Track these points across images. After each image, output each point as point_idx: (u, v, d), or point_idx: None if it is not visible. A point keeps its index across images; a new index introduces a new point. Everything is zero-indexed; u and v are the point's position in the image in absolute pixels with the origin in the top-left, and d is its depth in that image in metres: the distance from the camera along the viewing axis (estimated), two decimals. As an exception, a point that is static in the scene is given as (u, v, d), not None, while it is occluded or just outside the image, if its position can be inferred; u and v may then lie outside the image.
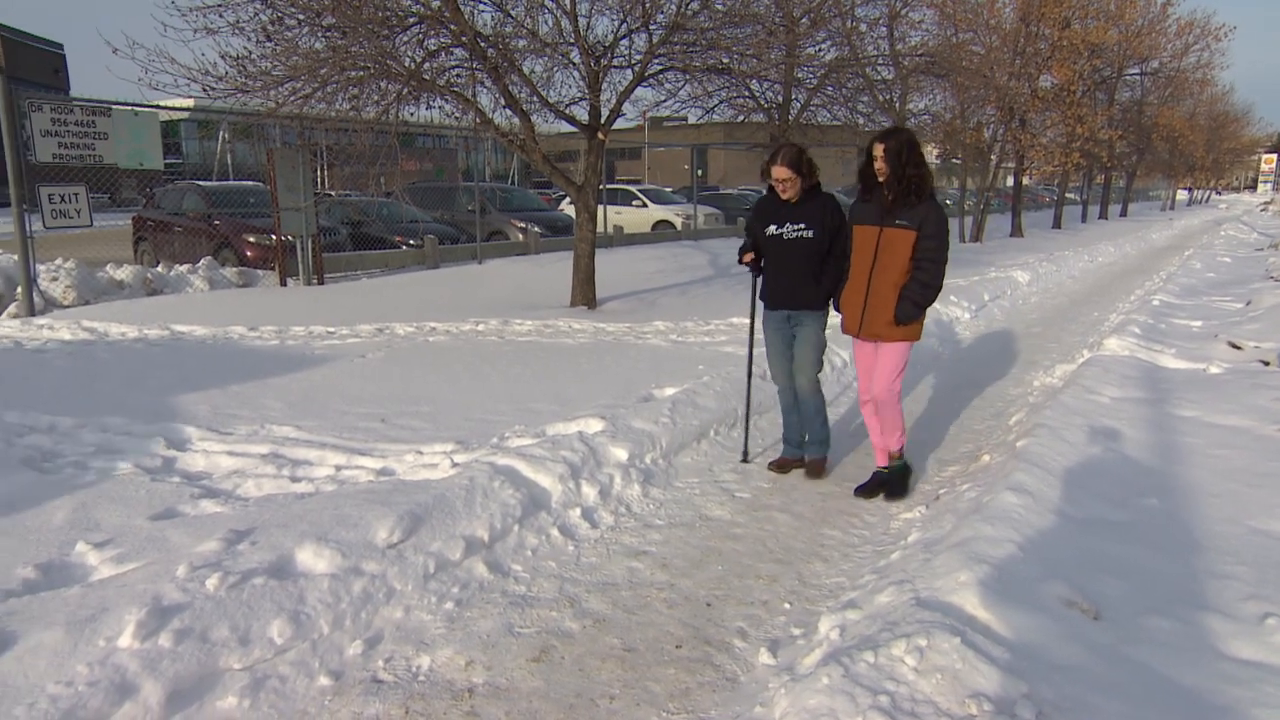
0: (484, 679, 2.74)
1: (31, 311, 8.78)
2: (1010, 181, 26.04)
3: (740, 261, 4.68)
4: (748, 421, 4.99)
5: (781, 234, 4.39)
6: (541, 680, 2.74)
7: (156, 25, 8.36)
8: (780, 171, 4.27)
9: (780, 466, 4.74)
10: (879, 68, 14.57)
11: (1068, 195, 30.43)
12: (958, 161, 23.06)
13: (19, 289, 8.97)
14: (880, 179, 3.96)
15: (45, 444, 4.49)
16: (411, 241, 14.39)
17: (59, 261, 10.04)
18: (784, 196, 4.35)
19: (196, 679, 2.46)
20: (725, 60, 9.81)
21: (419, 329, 8.25)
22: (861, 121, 14.82)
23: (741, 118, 13.76)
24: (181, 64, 8.36)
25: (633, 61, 9.77)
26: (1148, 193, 61.09)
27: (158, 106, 10.44)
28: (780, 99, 13.11)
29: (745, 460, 4.84)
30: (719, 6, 9.37)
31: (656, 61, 9.65)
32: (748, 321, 5.18)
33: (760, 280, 4.70)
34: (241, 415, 5.02)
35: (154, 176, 15.26)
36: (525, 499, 3.75)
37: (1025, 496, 3.35)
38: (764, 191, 4.66)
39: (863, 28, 13.66)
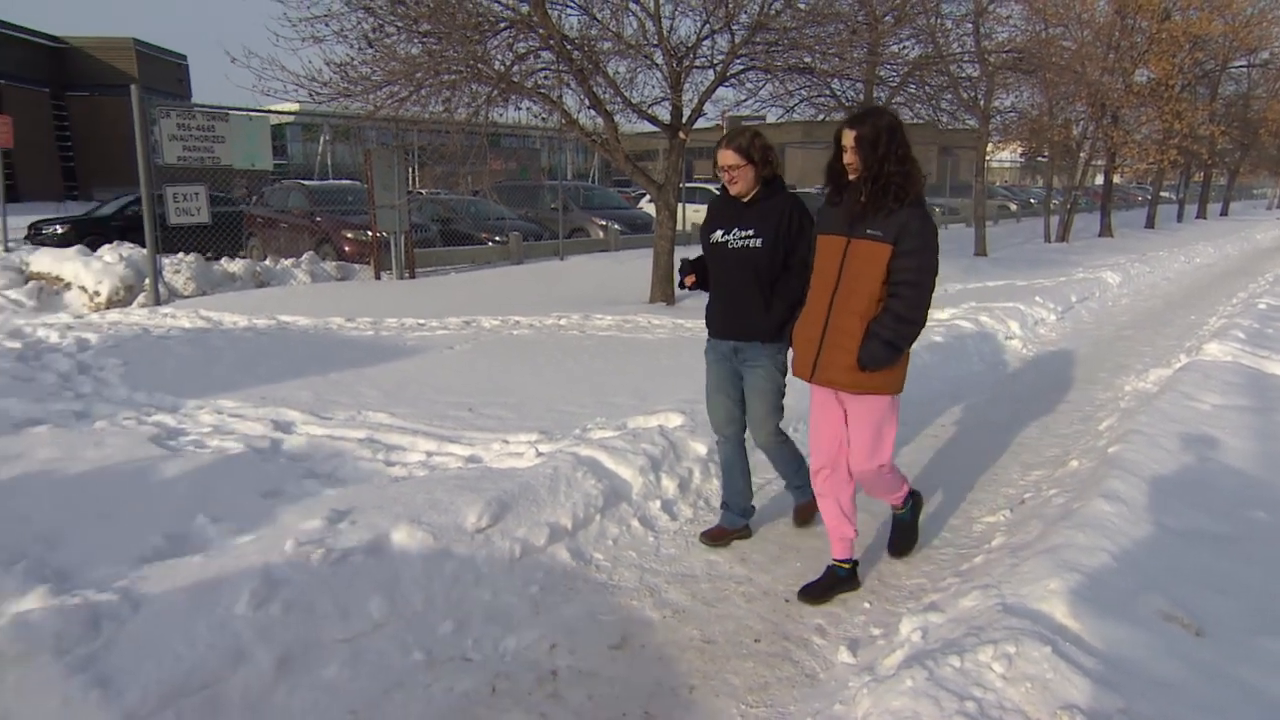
0: (567, 662, 2.78)
1: (157, 301, 9.32)
2: (1099, 180, 24.87)
3: (681, 284, 3.59)
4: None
5: (726, 242, 3.34)
6: (623, 667, 2.77)
7: (270, 35, 8.73)
8: (725, 156, 3.28)
9: (714, 538, 3.64)
10: (963, 65, 14.11)
11: (1162, 193, 28.90)
12: (1043, 159, 22.15)
13: (147, 280, 9.52)
14: (851, 176, 2.93)
15: (170, 423, 4.75)
16: (497, 238, 14.66)
17: (181, 255, 10.60)
18: (733, 191, 3.34)
19: (303, 648, 2.57)
20: (807, 59, 9.67)
21: (504, 322, 8.39)
22: (944, 120, 14.40)
23: (822, 116, 13.52)
24: (290, 71, 8.71)
25: (714, 62, 9.72)
26: (1251, 191, 57.57)
27: (268, 111, 10.91)
28: (861, 97, 12.84)
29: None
30: (802, 6, 9.24)
31: (738, 61, 9.58)
32: None
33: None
34: (340, 401, 5.20)
35: (263, 176, 15.92)
36: (607, 489, 3.78)
37: (1119, 505, 3.20)
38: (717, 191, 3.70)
39: (948, 24, 13.27)
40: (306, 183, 16.02)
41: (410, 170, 15.71)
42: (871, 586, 3.31)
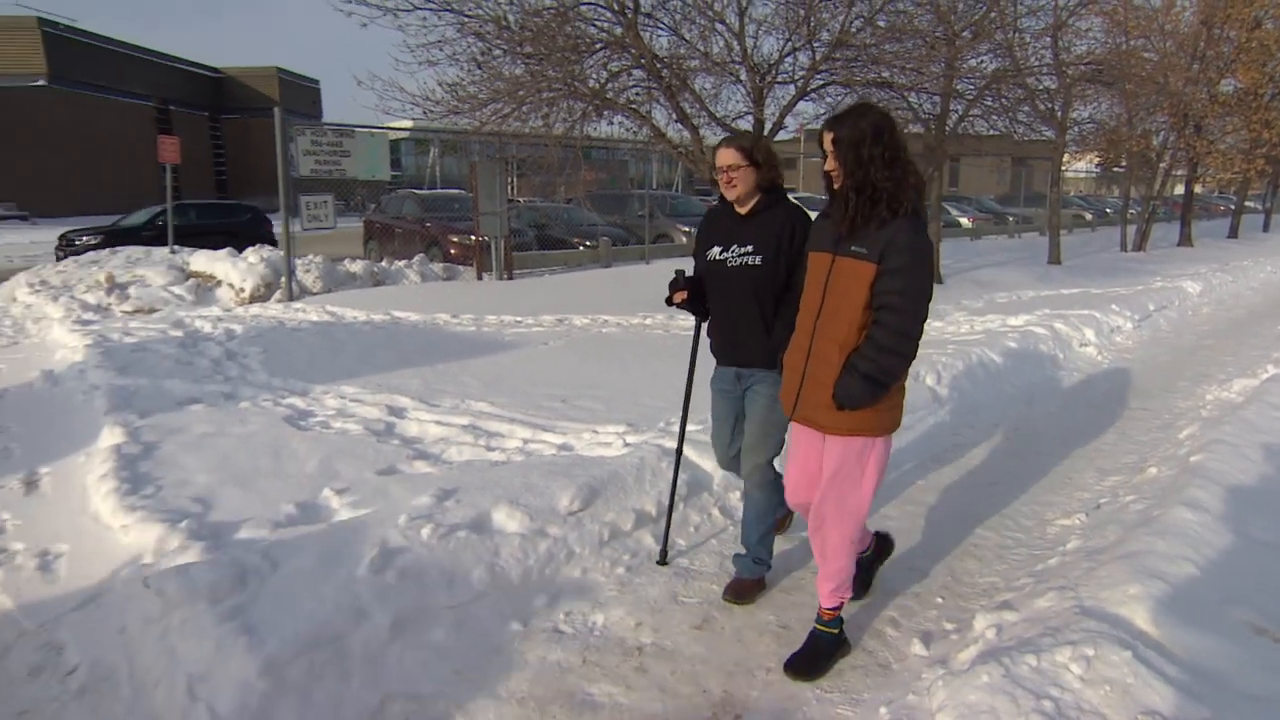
0: (651, 639, 2.78)
1: (290, 297, 9.78)
2: (1179, 190, 23.38)
3: (669, 301, 3.07)
4: (670, 512, 3.34)
5: (725, 260, 2.85)
6: (703, 647, 2.75)
7: (391, 60, 9.03)
8: (725, 155, 2.77)
9: (739, 593, 3.02)
10: (1040, 78, 13.46)
11: (1246, 203, 26.93)
12: (1120, 169, 20.98)
13: (282, 279, 10.01)
14: (835, 184, 2.40)
15: (301, 405, 4.97)
16: (588, 243, 14.80)
17: (310, 256, 11.09)
18: (730, 195, 2.82)
19: (415, 611, 2.65)
20: (885, 74, 9.42)
21: (593, 321, 8.46)
22: (1020, 131, 13.79)
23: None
24: (408, 91, 9.00)
25: (795, 77, 9.58)
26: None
27: (388, 128, 11.30)
28: (938, 110, 12.42)
29: (663, 562, 3.26)
30: (881, 23, 9.02)
31: (819, 77, 9.41)
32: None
33: (706, 325, 3.17)
34: (446, 390, 5.34)
35: (380, 186, 16.50)
36: (689, 480, 3.76)
37: (1202, 513, 2.99)
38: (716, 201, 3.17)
39: (1026, 39, 12.69)
40: (418, 192, 16.55)
41: (510, 180, 16.04)
42: (944, 582, 3.20)
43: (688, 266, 3.11)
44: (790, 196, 3.05)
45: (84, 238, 14.36)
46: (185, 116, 36.81)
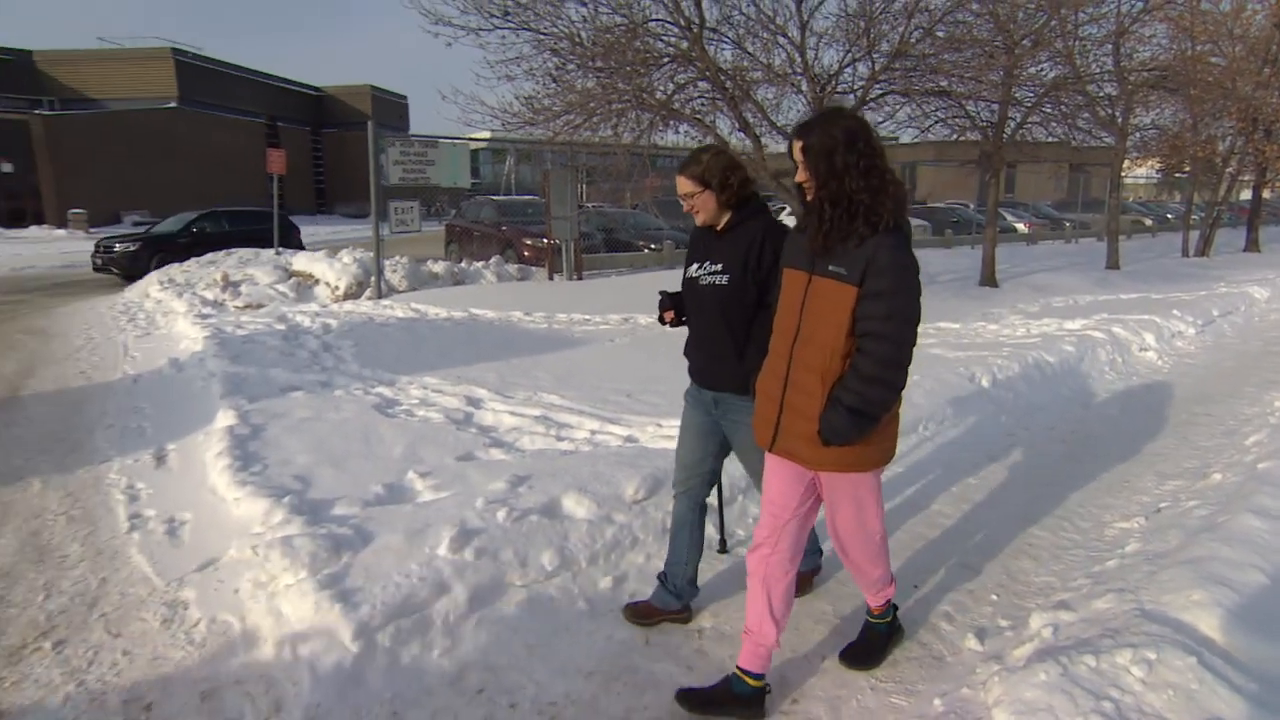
0: (711, 624, 2.76)
1: (379, 295, 10.08)
2: (1246, 195, 21.96)
3: (660, 320, 2.77)
4: (721, 505, 3.14)
5: (697, 278, 2.52)
6: (761, 632, 2.71)
7: (472, 76, 9.28)
8: (681, 184, 2.47)
9: (639, 614, 2.72)
10: (1101, 84, 12.82)
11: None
12: (1183, 175, 19.83)
13: (372, 278, 10.32)
14: (807, 197, 2.08)
15: (388, 394, 5.12)
16: (653, 245, 14.81)
17: (397, 257, 11.41)
18: (699, 222, 2.52)
19: (490, 588, 2.69)
20: (943, 83, 9.14)
21: (658, 320, 8.45)
22: (1079, 138, 13.18)
23: (955, 136, 12.74)
24: (487, 105, 9.18)
25: (855, 87, 9.38)
26: None
27: (468, 139, 11.52)
28: (995, 117, 11.98)
29: (723, 550, 3.18)
30: (940, 34, 8.75)
31: (877, 86, 9.19)
32: (954, 325, 4.45)
33: None
34: (520, 383, 5.41)
35: (460, 193, 16.82)
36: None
37: (1271, 521, 2.79)
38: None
39: (1087, 46, 12.10)
40: (495, 198, 16.83)
41: (580, 186, 16.18)
42: (998, 580, 3.08)
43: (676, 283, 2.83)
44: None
45: (121, 244, 13.60)
46: (290, 131, 38.33)
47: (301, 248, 14.57)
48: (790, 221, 2.50)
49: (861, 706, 2.34)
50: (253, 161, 30.10)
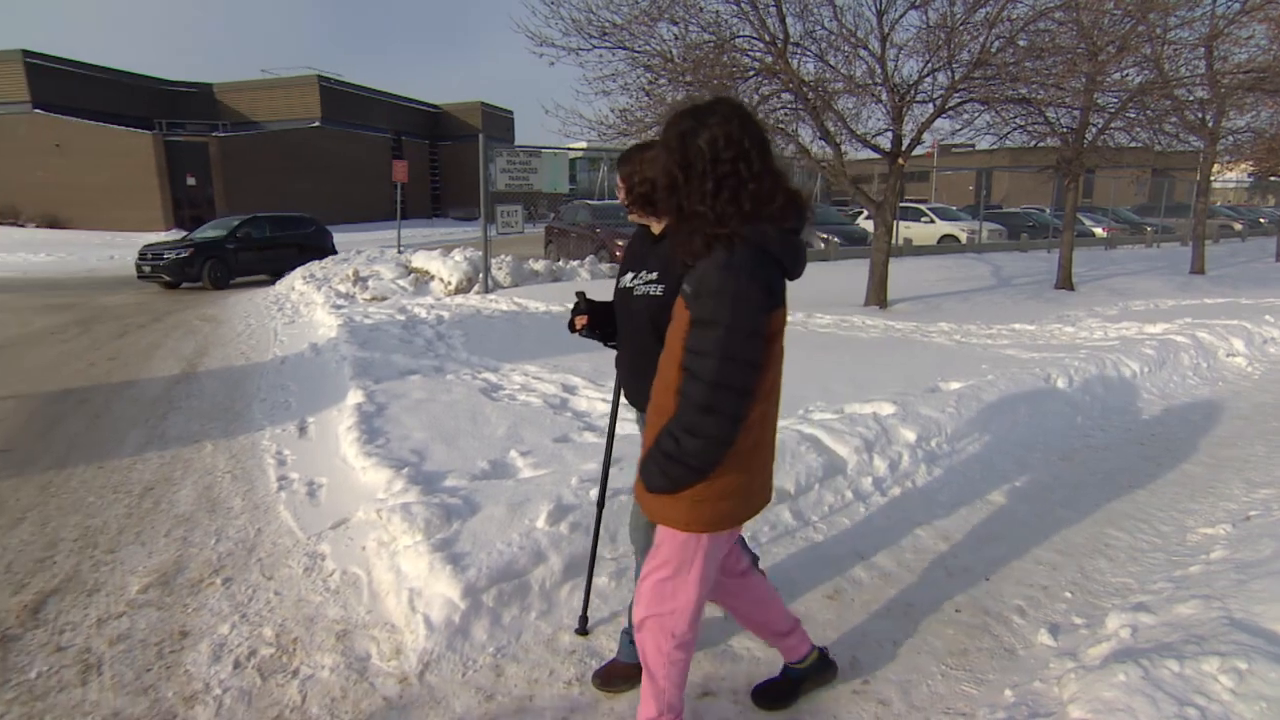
0: (786, 603, 2.67)
1: (486, 289, 10.39)
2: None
3: (570, 327, 2.34)
4: (590, 572, 2.48)
5: (632, 288, 2.04)
6: (833, 614, 2.64)
7: (572, 92, 9.41)
8: (619, 190, 2.09)
9: (606, 679, 2.22)
10: (1191, 89, 11.73)
11: None
12: (1277, 179, 17.95)
13: (480, 274, 10.64)
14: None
15: (493, 379, 5.26)
16: (735, 248, 14.62)
17: (503, 256, 11.72)
18: (631, 217, 2.09)
19: (582, 560, 2.72)
20: (1024, 91, 8.59)
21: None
22: (1165, 143, 12.12)
23: (1034, 142, 11.97)
24: (585, 117, 9.27)
25: (934, 96, 8.95)
26: None
27: (566, 148, 11.69)
28: (1076, 123, 11.17)
29: (582, 632, 2.47)
30: (1022, 42, 8.22)
31: (957, 95, 8.74)
32: (1028, 327, 4.24)
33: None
34: (611, 373, 5.33)
35: (559, 198, 17.07)
36: (825, 464, 3.62)
37: (1373, 534, 2.50)
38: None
39: (1177, 50, 11.10)
40: (590, 202, 16.98)
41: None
42: (1072, 578, 2.89)
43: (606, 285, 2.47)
44: (923, 206, 2.73)
45: (171, 251, 12.61)
46: (411, 144, 39.96)
47: (334, 252, 14.17)
48: (870, 227, 2.30)
49: (932, 692, 2.24)
50: (380, 171, 31.58)
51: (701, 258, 1.53)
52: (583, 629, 2.47)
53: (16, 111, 28.07)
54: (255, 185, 28.44)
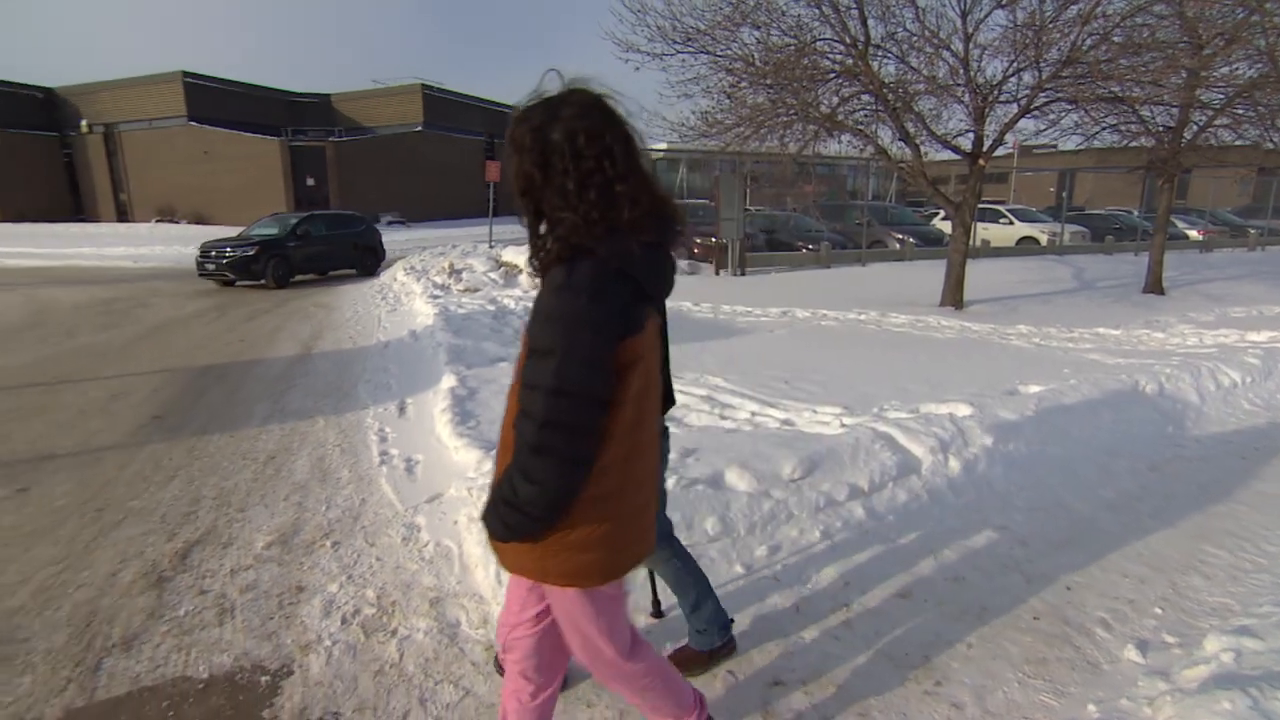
0: (858, 599, 2.60)
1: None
2: None
3: None
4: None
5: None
6: (907, 614, 2.52)
7: (655, 95, 9.34)
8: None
9: (676, 664, 1.97)
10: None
11: None
12: None
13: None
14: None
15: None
16: (810, 246, 14.26)
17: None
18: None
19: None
20: (1116, 89, 7.94)
21: (813, 314, 8.13)
22: (1278, 140, 10.94)
23: (1125, 142, 11.05)
24: (667, 120, 9.23)
25: (1018, 96, 8.41)
26: None
27: (648, 150, 11.67)
28: (1174, 121, 10.23)
29: (657, 615, 2.43)
30: (1117, 38, 7.58)
31: (1043, 95, 8.17)
32: (1113, 331, 3.92)
33: None
34: (688, 365, 5.40)
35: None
36: (899, 462, 3.46)
37: None
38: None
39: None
40: (670, 202, 16.88)
41: (746, 191, 15.90)
42: (1163, 594, 2.65)
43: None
44: (1002, 207, 2.55)
45: (234, 249, 11.92)
46: (502, 146, 40.83)
47: (383, 252, 13.99)
48: (946, 228, 2.10)
49: (1008, 699, 2.10)
50: (474, 171, 32.48)
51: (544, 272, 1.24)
52: (657, 612, 2.45)
53: (175, 124, 30.62)
54: (364, 185, 29.89)
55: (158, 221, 29.38)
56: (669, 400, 1.75)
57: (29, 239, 22.67)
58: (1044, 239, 17.97)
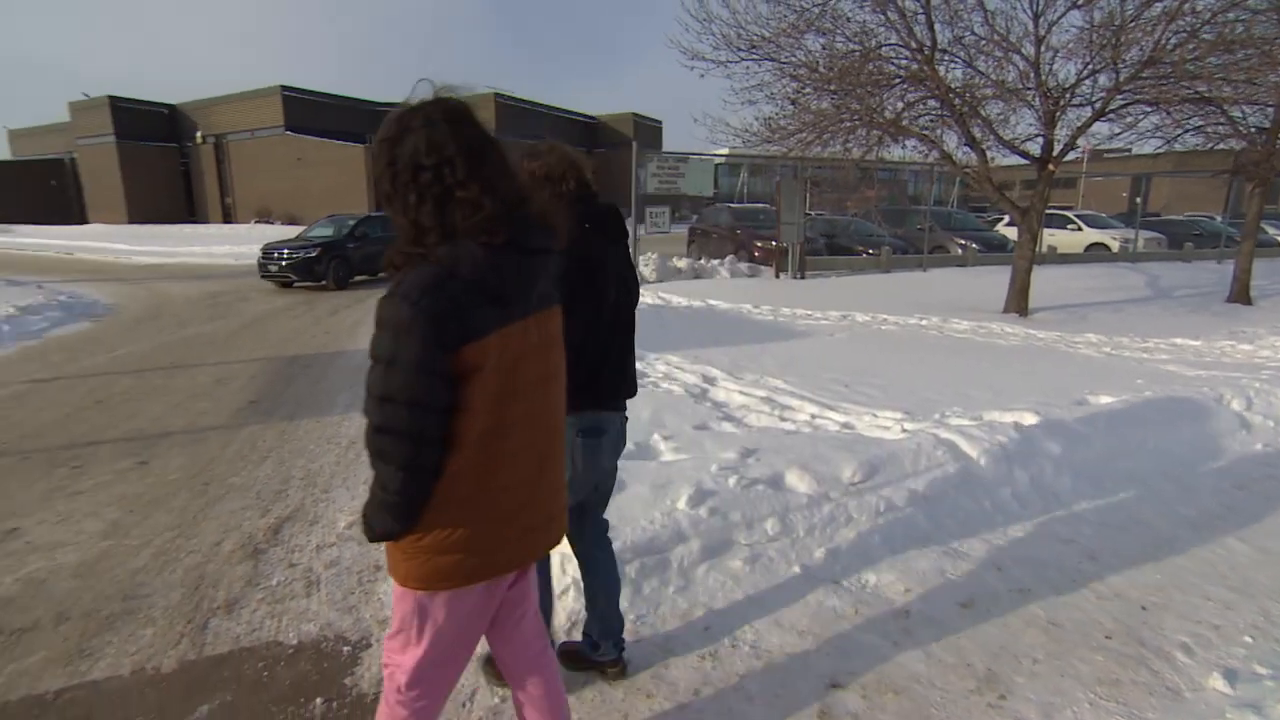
0: (918, 606, 2.51)
1: (630, 285, 10.56)
2: None
3: None
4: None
5: None
6: (969, 623, 2.41)
7: (719, 102, 9.29)
8: None
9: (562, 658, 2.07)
10: None
11: None
12: None
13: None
14: None
15: (640, 367, 5.30)
16: (870, 251, 13.86)
17: (650, 254, 11.84)
18: None
19: (719, 543, 2.67)
20: (1202, 89, 7.36)
21: (873, 319, 7.89)
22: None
23: (1211, 145, 10.23)
24: (731, 126, 9.13)
25: (1093, 99, 7.91)
26: None
27: (711, 155, 11.56)
28: (1268, 122, 9.40)
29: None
30: (1207, 36, 7.03)
31: (1120, 97, 7.66)
32: (1192, 342, 3.59)
33: None
34: (748, 366, 5.33)
35: (700, 200, 16.96)
36: (962, 469, 3.32)
37: None
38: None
39: None
40: (731, 205, 16.74)
41: (806, 195, 15.61)
42: (1253, 620, 2.44)
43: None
44: (1070, 213, 2.39)
45: (296, 250, 11.67)
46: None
47: None
48: (1010, 234, 1.97)
49: (1077, 719, 1.98)
50: (544, 177, 32.87)
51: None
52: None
53: (273, 134, 32.56)
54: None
55: (256, 222, 31.25)
56: (627, 389, 1.91)
57: (150, 239, 24.58)
58: (1115, 245, 16.88)
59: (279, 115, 32.79)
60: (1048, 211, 18.17)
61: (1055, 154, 8.28)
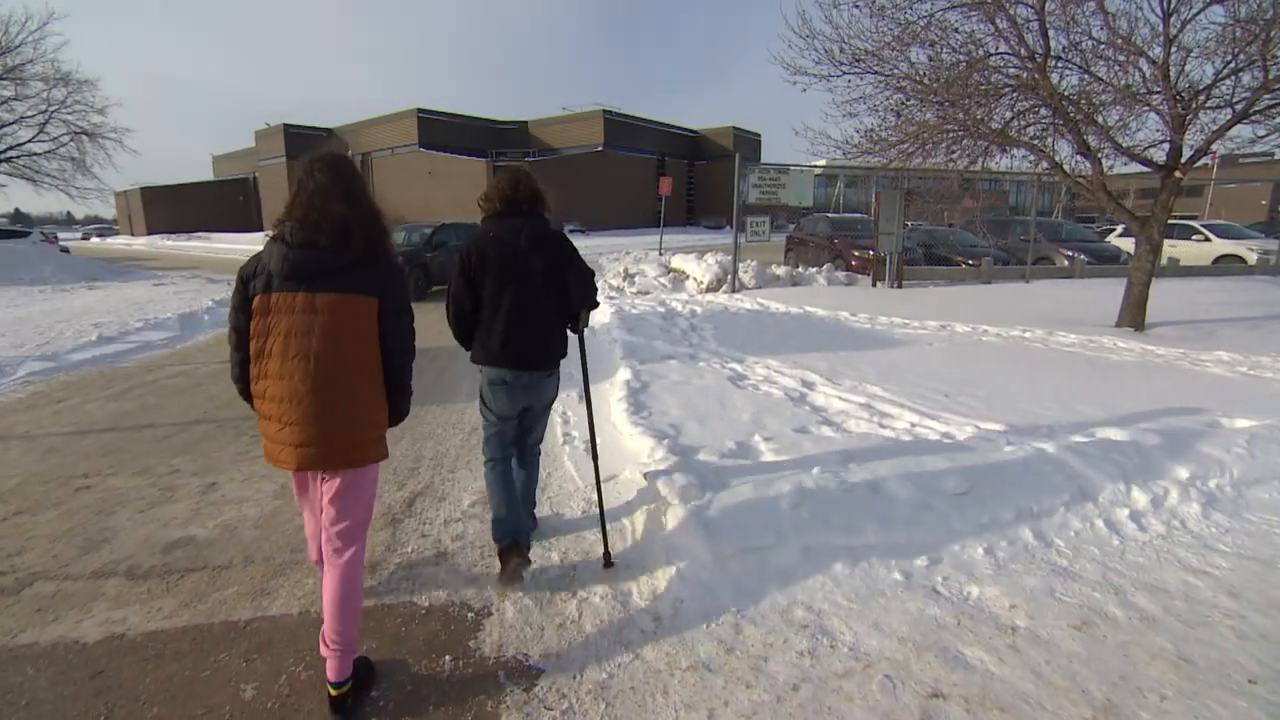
0: (1025, 624, 2.32)
1: (733, 289, 10.46)
2: None
3: None
4: (602, 515, 2.72)
5: None
6: (1082, 648, 2.20)
7: (820, 115, 8.96)
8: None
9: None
10: None
11: None
12: None
13: (729, 276, 10.73)
14: None
15: (739, 369, 5.25)
16: (970, 261, 12.95)
17: (749, 261, 11.68)
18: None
19: (819, 545, 2.59)
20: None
21: (974, 330, 7.37)
22: None
23: (1383, 146, 8.67)
24: (831, 138, 8.80)
25: (1234, 100, 6.93)
26: None
27: (811, 166, 11.22)
28: None
29: (608, 565, 2.63)
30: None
31: (1269, 96, 6.67)
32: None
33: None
34: (846, 373, 5.13)
35: (798, 210, 16.50)
36: (1074, 488, 3.04)
37: None
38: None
39: None
40: (829, 215, 16.18)
41: (904, 206, 14.83)
42: None
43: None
44: (1197, 223, 2.14)
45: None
46: (672, 163, 41.54)
47: None
48: (1124, 245, 1.81)
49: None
50: (646, 187, 33.38)
51: None
52: (608, 563, 2.62)
53: (409, 151, 35.01)
54: (553, 200, 32.08)
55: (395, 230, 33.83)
56: (531, 359, 2.78)
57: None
58: (1253, 257, 14.79)
59: (414, 133, 35.22)
60: (1170, 221, 16.25)
61: (1185, 160, 7.37)
